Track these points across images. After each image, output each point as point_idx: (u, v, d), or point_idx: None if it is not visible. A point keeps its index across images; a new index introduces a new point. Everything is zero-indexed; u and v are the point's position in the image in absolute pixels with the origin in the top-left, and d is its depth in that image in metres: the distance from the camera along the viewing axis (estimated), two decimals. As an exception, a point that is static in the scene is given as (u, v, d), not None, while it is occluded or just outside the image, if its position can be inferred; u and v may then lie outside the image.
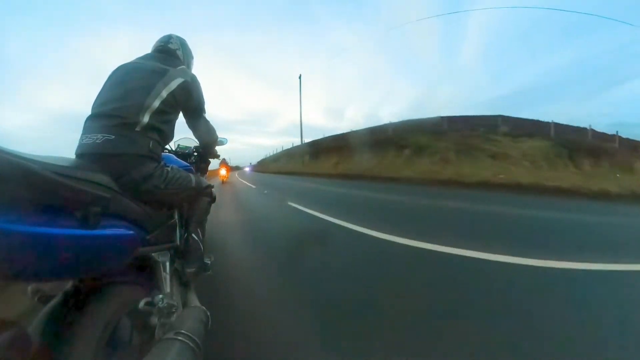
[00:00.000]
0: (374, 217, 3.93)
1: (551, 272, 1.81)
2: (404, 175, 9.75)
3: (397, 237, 2.62)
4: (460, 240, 2.41)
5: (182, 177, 1.02)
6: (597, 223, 3.59)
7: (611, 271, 1.84)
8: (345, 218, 3.50)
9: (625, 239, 2.79)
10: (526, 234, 2.92)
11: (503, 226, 3.34)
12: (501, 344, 1.14)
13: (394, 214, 4.39)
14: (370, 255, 2.35)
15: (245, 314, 1.44)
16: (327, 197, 6.53)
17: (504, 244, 2.32)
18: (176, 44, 1.19)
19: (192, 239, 1.16)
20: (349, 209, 4.66)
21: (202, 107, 1.17)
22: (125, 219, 0.76)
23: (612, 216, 4.17)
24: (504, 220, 3.64)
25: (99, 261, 0.68)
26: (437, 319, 1.35)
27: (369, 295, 1.63)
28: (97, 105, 0.91)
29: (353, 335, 1.23)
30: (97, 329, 0.66)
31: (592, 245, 2.51)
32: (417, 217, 4.08)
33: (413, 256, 2.23)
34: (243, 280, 1.90)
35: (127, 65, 1.02)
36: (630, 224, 3.72)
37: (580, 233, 2.99)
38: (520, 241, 2.56)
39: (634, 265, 1.92)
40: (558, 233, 2.94)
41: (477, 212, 4.23)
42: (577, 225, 3.38)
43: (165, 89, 0.94)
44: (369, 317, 1.37)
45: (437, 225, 3.44)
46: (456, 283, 1.74)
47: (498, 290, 1.64)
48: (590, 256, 2.05)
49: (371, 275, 1.95)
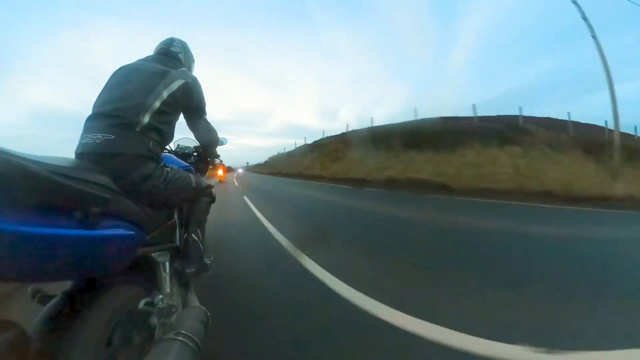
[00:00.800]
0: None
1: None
2: (500, 187, 6.32)
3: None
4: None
5: (182, 178, 1.02)
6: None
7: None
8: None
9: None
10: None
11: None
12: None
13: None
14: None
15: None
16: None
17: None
18: (178, 47, 1.21)
19: (192, 239, 1.16)
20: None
21: (202, 108, 1.18)
22: (125, 219, 0.76)
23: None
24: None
25: (99, 261, 0.68)
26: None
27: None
28: (97, 105, 0.92)
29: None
30: (97, 329, 0.67)
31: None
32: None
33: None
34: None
35: (129, 66, 1.03)
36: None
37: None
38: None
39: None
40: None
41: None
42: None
43: (166, 90, 0.95)
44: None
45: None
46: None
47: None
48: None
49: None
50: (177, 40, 1.23)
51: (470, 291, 1.63)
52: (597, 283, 1.76)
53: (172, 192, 0.97)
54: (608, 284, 1.75)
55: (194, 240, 1.17)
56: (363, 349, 1.14)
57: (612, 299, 1.52)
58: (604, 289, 1.68)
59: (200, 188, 1.16)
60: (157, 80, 0.95)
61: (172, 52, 1.18)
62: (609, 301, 1.50)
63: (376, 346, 1.16)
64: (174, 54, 1.18)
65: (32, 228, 0.52)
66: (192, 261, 1.15)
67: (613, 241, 2.75)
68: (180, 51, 1.21)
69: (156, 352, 0.67)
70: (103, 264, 0.69)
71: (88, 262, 0.65)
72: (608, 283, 1.76)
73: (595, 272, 1.96)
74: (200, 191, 1.18)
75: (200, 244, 1.19)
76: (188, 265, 1.14)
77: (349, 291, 1.60)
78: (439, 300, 1.52)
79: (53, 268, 0.58)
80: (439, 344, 1.12)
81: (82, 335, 0.64)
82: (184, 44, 1.25)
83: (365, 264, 2.18)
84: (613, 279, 1.84)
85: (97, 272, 0.72)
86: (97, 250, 0.65)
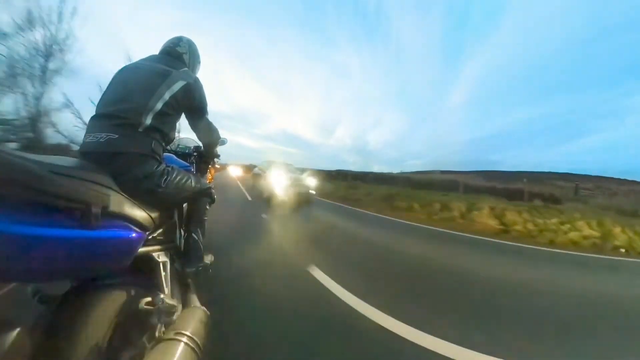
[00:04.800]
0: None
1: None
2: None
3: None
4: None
5: (183, 177, 1.02)
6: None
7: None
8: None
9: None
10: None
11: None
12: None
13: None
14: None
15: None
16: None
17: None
18: (184, 47, 1.21)
19: (192, 239, 1.16)
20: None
21: (204, 109, 1.18)
22: (125, 219, 0.75)
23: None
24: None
25: (99, 261, 0.68)
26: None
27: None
28: (101, 105, 0.92)
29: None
30: (98, 330, 0.66)
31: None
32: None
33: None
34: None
35: (131, 66, 1.04)
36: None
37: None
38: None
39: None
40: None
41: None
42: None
43: (167, 91, 0.95)
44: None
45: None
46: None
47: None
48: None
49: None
50: (184, 40, 1.23)
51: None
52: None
53: (173, 192, 0.97)
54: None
55: (194, 240, 1.17)
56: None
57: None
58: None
59: (200, 188, 1.16)
60: (159, 81, 0.95)
61: (176, 51, 1.18)
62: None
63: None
64: (178, 54, 1.18)
65: (32, 228, 0.52)
66: (192, 261, 1.15)
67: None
68: (185, 52, 1.21)
69: (156, 352, 0.66)
70: (103, 264, 0.69)
71: (88, 262, 0.65)
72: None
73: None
74: (200, 191, 1.18)
75: (200, 244, 1.19)
76: (188, 265, 1.14)
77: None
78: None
79: (53, 268, 0.58)
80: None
81: (82, 335, 0.63)
82: (191, 44, 1.25)
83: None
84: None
85: (97, 272, 0.72)
86: (97, 251, 0.65)
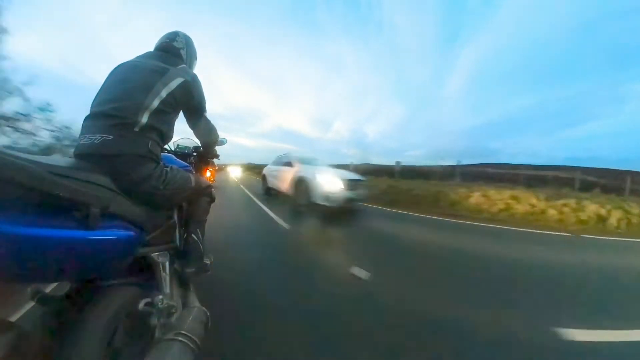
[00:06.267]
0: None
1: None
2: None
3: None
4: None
5: (182, 178, 1.02)
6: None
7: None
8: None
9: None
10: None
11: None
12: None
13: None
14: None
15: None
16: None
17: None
18: (181, 42, 1.17)
19: (192, 239, 1.16)
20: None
21: (202, 107, 1.16)
22: (124, 220, 0.75)
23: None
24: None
25: (99, 262, 0.68)
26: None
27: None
28: (95, 104, 0.90)
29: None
30: (97, 330, 0.66)
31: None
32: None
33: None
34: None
35: (127, 63, 1.01)
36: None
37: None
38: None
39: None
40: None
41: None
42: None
43: (164, 89, 0.93)
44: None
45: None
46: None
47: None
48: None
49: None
50: (181, 35, 1.18)
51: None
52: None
53: (172, 192, 0.96)
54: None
55: (194, 241, 1.16)
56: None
57: None
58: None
59: (200, 188, 1.15)
60: (156, 78, 0.93)
61: (173, 47, 1.14)
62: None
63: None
64: (175, 49, 1.14)
65: (32, 229, 0.52)
66: (192, 261, 1.15)
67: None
68: (182, 47, 1.17)
69: (156, 352, 0.67)
70: (103, 264, 0.69)
71: (88, 263, 0.65)
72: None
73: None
74: (200, 191, 1.17)
75: (200, 244, 1.19)
76: (188, 265, 1.13)
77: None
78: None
79: (53, 269, 0.58)
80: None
81: (82, 335, 0.63)
82: (187, 39, 1.21)
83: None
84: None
85: (97, 272, 0.72)
86: (96, 251, 0.65)
